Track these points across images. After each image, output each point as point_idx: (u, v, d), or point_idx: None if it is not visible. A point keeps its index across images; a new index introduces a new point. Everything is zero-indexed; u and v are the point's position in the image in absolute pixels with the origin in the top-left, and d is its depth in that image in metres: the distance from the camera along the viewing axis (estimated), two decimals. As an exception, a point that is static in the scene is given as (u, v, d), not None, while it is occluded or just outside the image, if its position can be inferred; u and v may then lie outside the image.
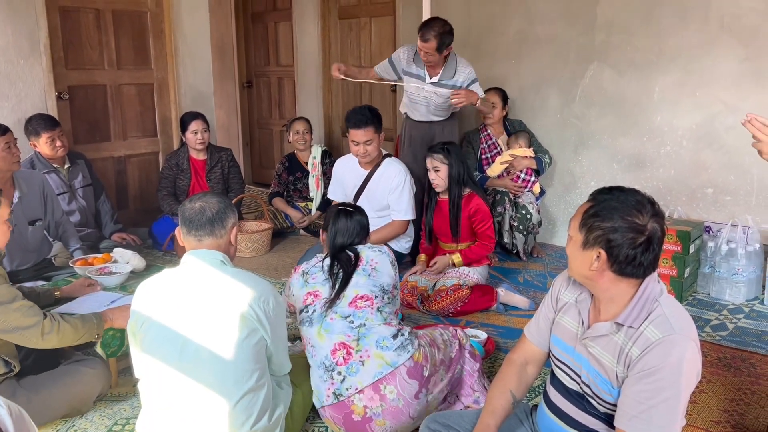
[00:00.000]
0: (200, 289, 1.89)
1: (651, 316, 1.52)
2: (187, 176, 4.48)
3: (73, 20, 4.39)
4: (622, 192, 1.57)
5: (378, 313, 2.20)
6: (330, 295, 2.23)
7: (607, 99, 4.16)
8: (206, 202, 1.94)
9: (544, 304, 1.82)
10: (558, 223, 4.51)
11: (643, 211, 1.52)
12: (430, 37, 3.62)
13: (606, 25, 4.08)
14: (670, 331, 1.48)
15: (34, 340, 2.12)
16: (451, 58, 3.84)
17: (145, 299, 1.92)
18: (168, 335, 1.86)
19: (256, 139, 6.56)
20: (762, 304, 3.42)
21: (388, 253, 2.38)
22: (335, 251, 2.35)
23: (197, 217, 1.92)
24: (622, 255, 1.50)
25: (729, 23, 3.66)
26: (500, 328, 3.15)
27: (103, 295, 2.79)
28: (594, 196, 1.60)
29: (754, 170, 3.64)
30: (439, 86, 3.85)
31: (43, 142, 3.76)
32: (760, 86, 3.60)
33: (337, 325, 2.17)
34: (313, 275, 2.31)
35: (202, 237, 1.92)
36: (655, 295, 1.55)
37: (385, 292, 2.26)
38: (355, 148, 3.54)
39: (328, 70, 5.77)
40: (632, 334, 1.52)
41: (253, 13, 6.27)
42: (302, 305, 2.27)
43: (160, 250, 4.30)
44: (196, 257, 1.92)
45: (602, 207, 1.54)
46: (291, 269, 3.98)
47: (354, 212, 2.46)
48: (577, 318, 1.67)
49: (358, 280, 2.25)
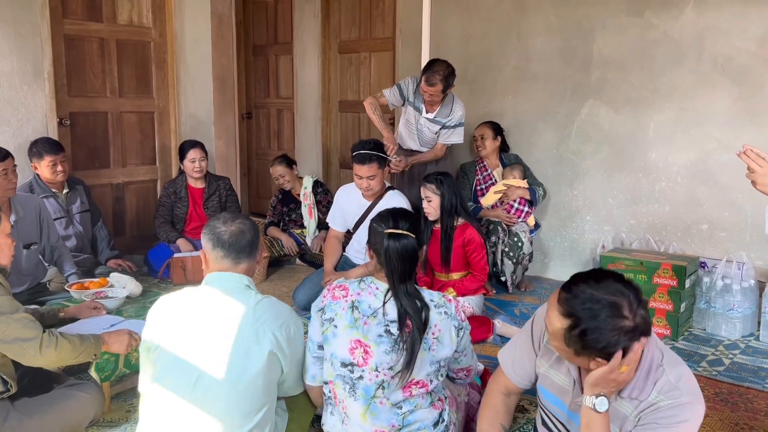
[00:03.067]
0: (220, 316, 1.85)
1: (658, 385, 1.49)
2: (184, 204, 4.49)
3: (78, 48, 4.45)
4: (598, 286, 1.45)
5: (428, 396, 1.98)
6: (385, 363, 1.89)
7: (603, 135, 4.22)
8: (244, 224, 1.93)
9: (522, 341, 1.79)
10: (553, 257, 4.52)
11: (625, 303, 1.43)
12: (436, 81, 3.79)
13: (602, 62, 4.16)
14: (680, 396, 1.46)
15: (32, 353, 2.10)
16: (449, 97, 3.97)
17: (161, 320, 1.88)
18: (182, 364, 1.82)
19: (254, 169, 6.59)
20: (758, 340, 3.42)
21: (455, 314, 1.99)
22: (397, 289, 1.94)
23: (237, 240, 1.90)
24: (618, 348, 1.45)
25: (722, 63, 3.74)
26: (496, 360, 3.11)
27: (104, 319, 2.77)
28: (568, 301, 1.46)
29: (748, 207, 3.68)
30: (434, 123, 3.99)
31: (45, 165, 3.78)
32: (753, 125, 3.67)
33: (385, 412, 1.93)
34: (365, 317, 1.93)
35: (240, 260, 1.91)
36: (658, 362, 1.52)
37: (440, 368, 1.97)
38: (359, 181, 3.60)
39: (328, 102, 5.86)
40: (638, 404, 1.50)
41: (255, 46, 6.37)
42: (347, 356, 1.92)
43: (155, 277, 4.28)
44: (222, 280, 1.89)
45: (585, 322, 1.42)
46: (287, 298, 3.99)
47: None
48: (567, 375, 1.65)
49: (420, 355, 1.91)
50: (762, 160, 1.78)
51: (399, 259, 1.95)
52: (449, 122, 4.00)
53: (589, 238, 4.33)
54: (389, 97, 4.09)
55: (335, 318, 1.96)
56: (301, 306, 3.77)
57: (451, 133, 4.07)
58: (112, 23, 4.62)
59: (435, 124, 4.00)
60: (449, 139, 4.09)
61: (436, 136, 4.05)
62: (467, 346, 2.07)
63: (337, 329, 1.95)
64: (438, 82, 3.77)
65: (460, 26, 4.73)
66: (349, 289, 2.00)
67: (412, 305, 1.91)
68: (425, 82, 3.78)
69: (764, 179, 1.75)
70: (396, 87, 4.10)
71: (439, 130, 4.04)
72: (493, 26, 4.59)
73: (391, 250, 1.96)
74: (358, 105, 5.69)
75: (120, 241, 4.63)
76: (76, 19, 4.42)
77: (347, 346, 1.93)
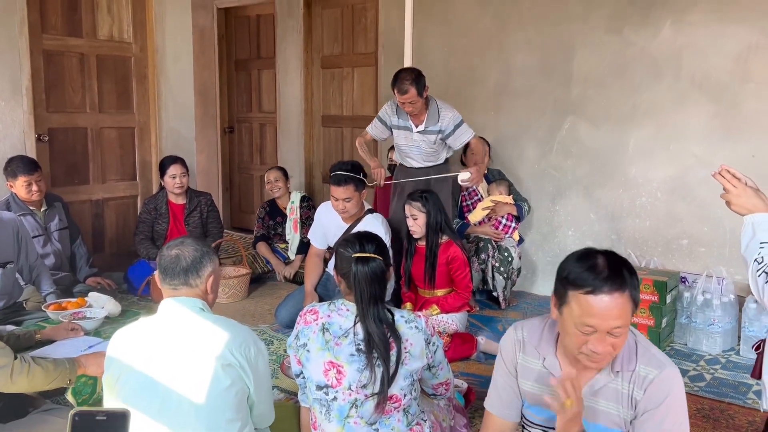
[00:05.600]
0: (179, 336, 1.84)
1: (638, 355, 1.59)
2: (165, 220, 4.45)
3: (57, 63, 4.41)
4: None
5: (405, 416, 1.97)
6: (358, 382, 1.90)
7: (584, 150, 4.25)
8: (182, 250, 1.89)
9: (499, 374, 1.79)
10: (537, 272, 4.54)
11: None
12: (407, 87, 3.65)
13: (582, 79, 4.21)
14: (662, 365, 1.57)
15: (2, 381, 2.05)
16: (432, 105, 3.85)
17: (122, 349, 1.86)
18: (148, 386, 1.80)
19: (236, 183, 6.55)
20: (738, 354, 3.45)
21: (425, 328, 2.00)
22: (366, 312, 1.94)
23: (172, 265, 1.87)
24: None
25: (699, 80, 3.79)
26: (480, 378, 3.12)
27: (82, 340, 2.72)
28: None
29: (727, 222, 3.72)
30: (426, 134, 3.86)
31: (20, 185, 3.72)
32: (730, 141, 3.72)
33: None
34: (336, 338, 1.94)
35: (176, 286, 1.88)
36: (634, 340, 1.62)
37: (413, 383, 1.98)
38: (335, 203, 3.58)
39: (310, 117, 5.85)
40: (629, 377, 1.57)
41: (237, 60, 6.35)
42: (321, 378, 1.94)
43: (135, 294, 4.23)
44: (175, 302, 1.88)
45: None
46: (269, 315, 3.96)
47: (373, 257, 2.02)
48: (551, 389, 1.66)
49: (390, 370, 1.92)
50: (737, 181, 1.79)
51: (367, 282, 1.95)
52: (445, 128, 3.82)
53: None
54: (372, 131, 4.03)
55: (308, 343, 1.97)
56: (284, 324, 3.74)
57: (456, 137, 3.86)
58: (92, 38, 4.59)
59: (428, 134, 3.87)
60: (459, 141, 3.89)
61: (436, 146, 3.89)
62: (442, 360, 2.09)
63: (310, 353, 1.96)
64: (409, 87, 3.65)
65: (442, 41, 4.76)
66: (319, 312, 2.00)
67: (379, 332, 1.91)
68: (398, 93, 3.70)
69: (738, 200, 1.77)
70: (376, 119, 4.02)
71: (437, 140, 3.87)
72: (474, 42, 4.63)
73: (359, 274, 1.95)
74: (341, 120, 5.70)
75: (99, 258, 4.57)
76: (56, 34, 4.39)
77: (321, 368, 1.94)
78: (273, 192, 4.84)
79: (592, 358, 1.53)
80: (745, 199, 1.73)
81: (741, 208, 1.76)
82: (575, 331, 1.52)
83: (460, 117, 3.86)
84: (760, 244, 1.65)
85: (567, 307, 1.54)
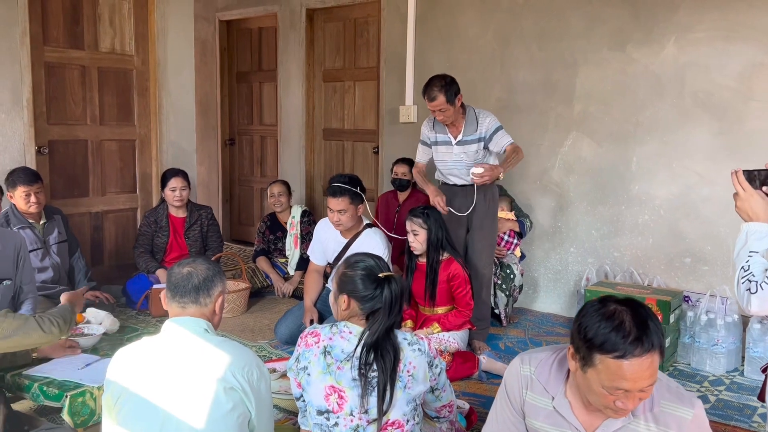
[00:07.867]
0: (181, 359, 1.81)
1: (659, 391, 1.55)
2: (165, 233, 4.42)
3: (58, 76, 4.40)
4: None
5: None
6: (360, 407, 1.88)
7: (586, 167, 4.24)
8: (194, 268, 1.88)
9: (501, 411, 1.75)
10: (538, 288, 4.51)
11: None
12: (436, 93, 3.50)
13: (584, 95, 4.20)
14: (691, 402, 1.55)
15: (36, 335, 2.26)
16: (470, 112, 3.69)
17: (123, 370, 1.83)
18: (147, 409, 1.77)
19: (236, 196, 6.53)
20: (742, 375, 3.42)
21: (428, 351, 1.98)
22: (375, 338, 1.89)
23: (183, 282, 1.86)
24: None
25: (702, 99, 3.78)
26: (482, 398, 3.09)
27: (79, 358, 2.69)
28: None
29: (730, 241, 3.70)
30: (466, 144, 3.67)
31: (19, 195, 3.70)
32: (733, 160, 3.69)
33: None
34: (338, 362, 1.91)
35: (185, 304, 1.86)
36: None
37: (416, 407, 1.96)
38: (330, 215, 3.60)
39: (312, 130, 5.84)
40: (652, 417, 1.54)
41: (239, 72, 6.35)
42: (322, 403, 1.91)
43: (133, 308, 4.19)
44: (177, 325, 1.85)
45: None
46: (268, 331, 3.93)
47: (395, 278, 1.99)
48: (565, 425, 1.63)
49: (395, 394, 1.90)
50: (747, 185, 1.78)
51: (397, 300, 1.94)
52: (485, 133, 3.63)
53: (573, 270, 4.33)
54: (421, 158, 3.86)
55: (308, 366, 1.93)
56: (283, 340, 3.71)
57: (495, 140, 3.64)
58: (94, 51, 4.58)
59: (468, 144, 3.66)
60: (500, 145, 3.64)
61: (479, 157, 3.67)
62: (445, 382, 2.07)
63: (310, 377, 1.93)
64: (437, 93, 3.49)
65: (444, 56, 4.76)
66: (320, 335, 1.97)
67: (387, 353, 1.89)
68: (427, 100, 3.55)
69: (743, 204, 1.75)
70: (419, 144, 3.86)
71: (478, 149, 3.66)
72: (476, 57, 4.62)
73: (395, 291, 1.94)
74: (342, 133, 5.69)
75: (98, 271, 4.55)
76: (57, 46, 4.38)
77: (322, 393, 1.91)
78: (275, 206, 4.83)
79: (620, 414, 1.48)
80: (750, 205, 1.71)
81: (743, 212, 1.75)
82: (603, 392, 1.47)
83: (497, 122, 3.68)
84: (750, 253, 1.64)
85: (593, 370, 1.47)
